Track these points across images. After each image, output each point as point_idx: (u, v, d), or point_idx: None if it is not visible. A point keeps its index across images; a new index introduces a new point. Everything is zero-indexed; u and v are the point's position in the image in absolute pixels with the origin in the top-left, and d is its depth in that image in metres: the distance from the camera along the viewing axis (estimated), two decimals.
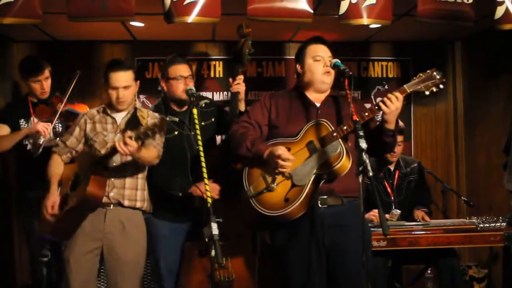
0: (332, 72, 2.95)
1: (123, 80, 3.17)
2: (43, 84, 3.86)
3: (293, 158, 2.78)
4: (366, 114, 2.78)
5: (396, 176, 4.17)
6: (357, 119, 2.56)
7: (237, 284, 3.37)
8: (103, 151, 3.14)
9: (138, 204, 3.23)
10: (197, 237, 3.43)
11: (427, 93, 2.78)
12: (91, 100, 4.78)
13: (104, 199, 3.10)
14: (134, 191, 3.22)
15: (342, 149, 2.73)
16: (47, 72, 3.88)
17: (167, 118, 3.39)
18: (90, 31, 4.71)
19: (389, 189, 4.13)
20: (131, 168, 3.19)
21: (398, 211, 4.02)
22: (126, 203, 3.18)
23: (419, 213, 4.00)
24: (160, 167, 3.29)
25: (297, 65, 3.04)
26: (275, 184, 2.82)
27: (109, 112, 3.26)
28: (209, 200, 2.61)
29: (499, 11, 3.48)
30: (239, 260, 3.42)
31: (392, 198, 4.12)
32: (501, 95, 4.80)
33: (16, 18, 3.14)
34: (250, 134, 2.96)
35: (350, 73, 2.71)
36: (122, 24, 4.53)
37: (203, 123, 3.49)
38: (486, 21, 3.63)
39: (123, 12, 3.17)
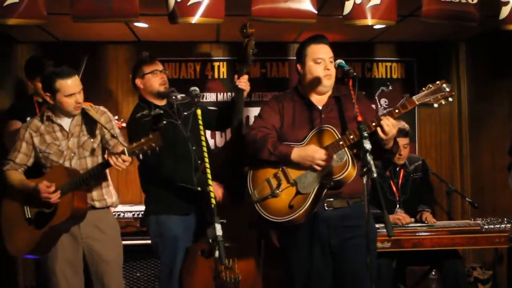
0: (333, 74, 2.91)
1: (78, 85, 3.09)
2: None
3: (326, 154, 2.70)
4: (373, 124, 2.70)
5: (401, 175, 4.16)
6: (361, 120, 2.54)
7: (243, 285, 3.37)
8: (61, 161, 3.10)
9: (108, 202, 3.24)
10: (202, 234, 3.44)
11: (435, 105, 2.76)
12: (94, 101, 4.78)
13: None
14: (100, 190, 3.21)
15: (348, 158, 2.70)
16: None
17: (151, 113, 3.40)
18: (94, 32, 4.72)
19: (394, 188, 4.12)
20: (105, 167, 3.13)
21: (402, 211, 4.01)
22: (97, 204, 3.18)
23: (426, 215, 3.99)
24: (164, 161, 3.29)
25: (298, 65, 2.99)
26: (279, 190, 2.81)
27: (54, 119, 3.14)
28: (213, 201, 2.61)
29: (504, 12, 3.46)
30: (244, 261, 3.42)
31: (397, 197, 4.11)
32: (505, 96, 4.79)
33: (20, 19, 3.15)
34: (270, 137, 2.89)
35: (355, 73, 2.69)
36: (126, 25, 4.53)
37: (185, 113, 3.52)
38: (490, 21, 3.62)
39: (127, 13, 3.18)
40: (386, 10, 3.36)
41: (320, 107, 2.95)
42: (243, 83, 3.52)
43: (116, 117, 3.61)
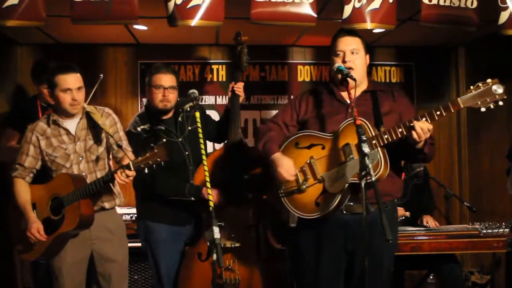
0: (357, 66, 2.81)
1: (76, 81, 3.04)
2: None
3: (291, 176, 2.73)
4: (400, 130, 2.60)
5: (402, 178, 4.15)
6: (360, 123, 2.49)
7: (242, 286, 3.37)
8: (67, 164, 3.10)
9: (117, 202, 3.25)
10: (196, 240, 3.45)
11: (483, 109, 2.55)
12: (92, 103, 4.77)
13: None
14: (109, 192, 3.21)
15: (381, 158, 2.57)
16: None
17: (153, 128, 3.42)
18: (94, 34, 4.73)
19: None
20: (98, 171, 3.16)
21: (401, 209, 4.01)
22: (107, 205, 3.18)
23: (427, 218, 4.00)
24: (157, 174, 3.27)
25: (331, 58, 2.92)
26: (306, 185, 2.73)
27: (60, 122, 3.12)
28: (211, 204, 2.61)
29: (503, 17, 3.47)
30: (244, 263, 3.42)
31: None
32: (504, 100, 4.78)
33: (20, 21, 3.13)
34: (271, 132, 2.89)
35: (354, 77, 2.69)
36: (126, 28, 4.53)
37: (189, 128, 3.52)
38: (489, 26, 3.62)
39: (127, 15, 3.17)
40: (385, 14, 3.36)
41: (348, 101, 2.81)
42: (240, 89, 3.57)
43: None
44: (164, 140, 3.35)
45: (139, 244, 3.63)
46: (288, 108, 2.99)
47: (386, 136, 2.59)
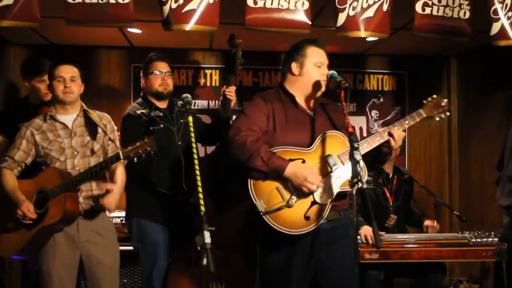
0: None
1: (70, 71, 3.15)
2: (47, 84, 3.83)
3: (321, 182, 2.66)
4: (377, 139, 2.82)
5: (394, 182, 4.19)
6: (352, 131, 2.55)
7: None
8: (62, 158, 3.11)
9: None
10: (184, 244, 3.45)
11: (437, 119, 3.04)
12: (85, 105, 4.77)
13: None
14: (101, 192, 3.19)
15: (364, 166, 2.62)
16: None
17: (151, 113, 3.47)
18: (87, 36, 4.72)
19: (388, 194, 4.13)
20: (97, 171, 3.13)
21: (395, 217, 4.04)
22: (96, 204, 3.17)
23: (427, 222, 4.08)
24: (154, 166, 3.31)
25: (294, 64, 2.88)
26: (294, 200, 2.64)
27: (57, 117, 3.17)
28: (202, 208, 2.61)
29: (495, 28, 3.50)
30: (231, 269, 3.41)
31: (391, 203, 4.13)
32: (495, 110, 4.83)
33: (14, 21, 3.13)
34: (262, 144, 2.70)
35: (347, 85, 2.71)
36: (120, 30, 4.53)
37: (181, 121, 3.57)
38: (482, 37, 3.66)
39: (122, 18, 3.17)
40: (379, 23, 3.38)
41: (310, 112, 2.90)
42: (231, 93, 3.58)
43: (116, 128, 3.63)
44: (162, 126, 3.41)
45: (129, 248, 3.60)
46: (259, 112, 2.82)
47: (365, 145, 2.77)
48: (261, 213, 2.62)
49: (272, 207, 2.63)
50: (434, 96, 3.04)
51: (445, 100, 3.01)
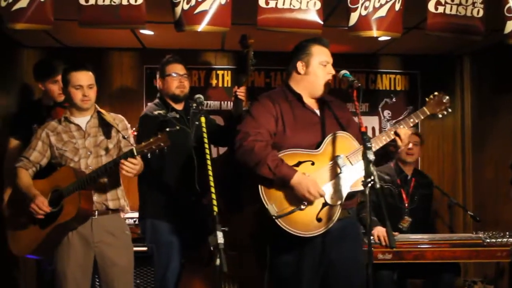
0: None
1: (88, 79, 3.17)
2: (60, 85, 3.85)
3: (323, 192, 2.65)
4: (384, 138, 2.84)
5: (412, 184, 4.16)
6: (365, 131, 2.55)
7: None
8: (76, 158, 3.14)
9: (122, 202, 3.25)
10: (200, 244, 3.45)
11: (440, 116, 3.02)
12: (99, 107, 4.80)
13: None
14: (115, 190, 3.23)
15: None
16: None
17: (168, 115, 3.52)
18: (100, 38, 4.75)
19: (404, 196, 4.11)
20: (111, 168, 3.13)
21: (410, 219, 4.02)
22: (110, 204, 3.19)
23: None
24: (168, 166, 3.37)
25: (300, 63, 2.90)
26: (305, 203, 2.64)
27: (71, 119, 3.22)
28: (215, 208, 2.61)
29: (509, 26, 3.47)
30: (244, 270, 3.41)
31: (406, 205, 4.10)
32: (509, 109, 4.79)
33: (28, 24, 3.17)
34: (270, 150, 2.69)
35: (359, 84, 2.71)
36: (132, 32, 4.55)
37: (196, 122, 3.58)
38: (495, 35, 3.63)
39: (134, 20, 3.19)
40: (391, 22, 3.37)
41: (317, 110, 2.91)
42: (242, 93, 3.59)
43: (133, 129, 3.67)
44: (178, 127, 3.44)
45: (142, 249, 3.62)
46: (267, 114, 2.82)
47: (373, 145, 2.72)
48: (274, 217, 2.62)
49: (284, 211, 2.64)
50: (436, 93, 3.04)
51: (447, 97, 3.01)
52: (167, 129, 3.15)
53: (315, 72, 2.88)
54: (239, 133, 2.79)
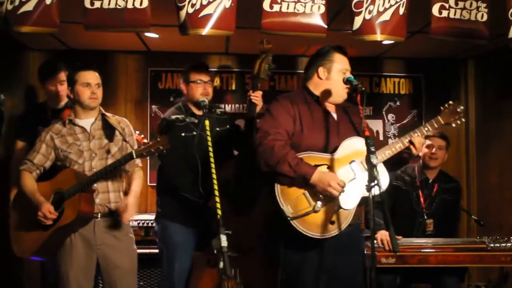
0: None
1: (96, 78, 3.23)
2: (58, 87, 3.87)
3: (344, 183, 2.67)
4: (398, 145, 2.87)
5: (434, 189, 4.10)
6: (369, 135, 2.56)
7: None
8: (80, 161, 3.16)
9: None
10: (206, 245, 3.46)
11: (453, 125, 3.04)
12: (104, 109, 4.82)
13: None
14: (117, 193, 3.25)
15: (385, 169, 2.75)
16: (63, 75, 3.84)
17: (186, 119, 3.55)
18: (105, 41, 4.77)
19: (422, 199, 4.06)
20: (111, 171, 3.18)
21: (432, 220, 3.99)
22: (113, 206, 3.20)
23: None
24: (178, 170, 3.41)
25: (322, 69, 2.94)
26: (320, 205, 2.69)
27: (76, 121, 3.24)
28: (219, 212, 2.62)
29: None
30: (248, 272, 3.42)
31: (423, 208, 4.06)
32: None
33: (34, 27, 3.18)
34: (289, 149, 2.74)
35: (363, 88, 2.71)
36: (137, 35, 4.57)
37: (218, 129, 3.62)
38: (499, 40, 3.63)
39: (139, 23, 3.20)
40: (395, 26, 3.37)
41: (334, 114, 2.95)
42: (258, 98, 3.58)
43: (137, 132, 3.69)
44: (195, 133, 3.47)
45: (146, 251, 3.65)
46: (286, 114, 2.86)
47: (388, 152, 2.82)
48: (289, 218, 2.67)
49: (299, 212, 2.68)
50: (451, 102, 3.05)
51: (461, 107, 3.04)
52: (183, 134, 3.19)
53: (336, 79, 2.92)
54: (259, 132, 2.84)
